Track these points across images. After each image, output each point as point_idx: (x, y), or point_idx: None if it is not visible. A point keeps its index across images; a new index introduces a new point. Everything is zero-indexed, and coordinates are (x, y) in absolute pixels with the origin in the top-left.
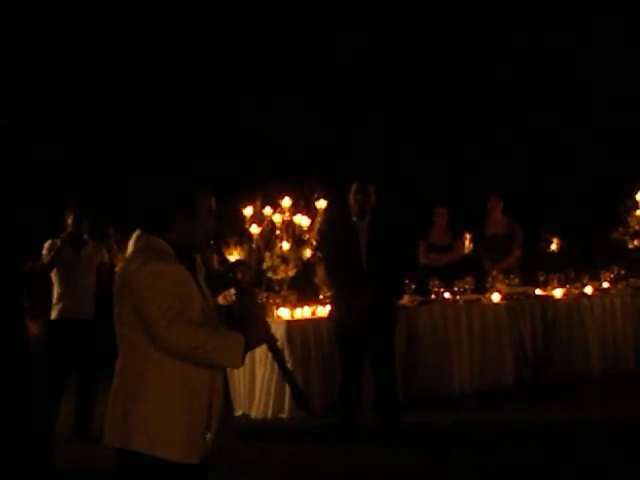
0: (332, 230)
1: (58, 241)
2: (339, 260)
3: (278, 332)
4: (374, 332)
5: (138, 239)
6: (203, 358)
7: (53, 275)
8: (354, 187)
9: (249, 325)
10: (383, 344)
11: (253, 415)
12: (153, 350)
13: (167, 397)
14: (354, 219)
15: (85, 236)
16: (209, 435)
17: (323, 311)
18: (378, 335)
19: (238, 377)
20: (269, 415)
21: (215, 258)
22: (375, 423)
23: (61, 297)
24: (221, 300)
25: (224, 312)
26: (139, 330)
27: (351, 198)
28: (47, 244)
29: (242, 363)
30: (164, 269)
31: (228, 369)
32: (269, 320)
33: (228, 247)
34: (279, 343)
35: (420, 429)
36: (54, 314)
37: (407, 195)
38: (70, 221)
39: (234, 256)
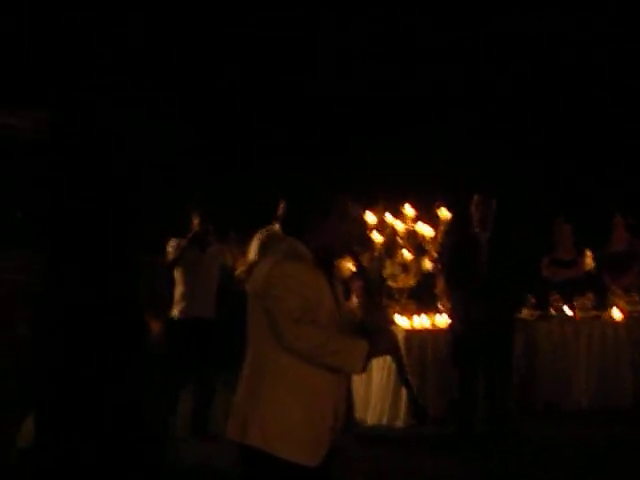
0: (453, 242)
1: (184, 240)
2: (459, 272)
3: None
4: (491, 345)
5: (275, 240)
6: (325, 360)
7: (176, 274)
8: (476, 199)
9: (376, 334)
10: (500, 357)
11: (369, 421)
12: (278, 349)
13: (287, 396)
14: (476, 231)
15: (210, 237)
16: (329, 439)
17: (442, 321)
18: (495, 348)
19: (355, 383)
20: (384, 422)
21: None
22: (490, 434)
23: (184, 296)
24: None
25: (356, 321)
26: (265, 327)
27: (473, 210)
28: (172, 242)
29: (364, 370)
30: (296, 269)
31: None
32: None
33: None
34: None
35: (534, 441)
36: (175, 312)
37: (530, 209)
38: (196, 221)
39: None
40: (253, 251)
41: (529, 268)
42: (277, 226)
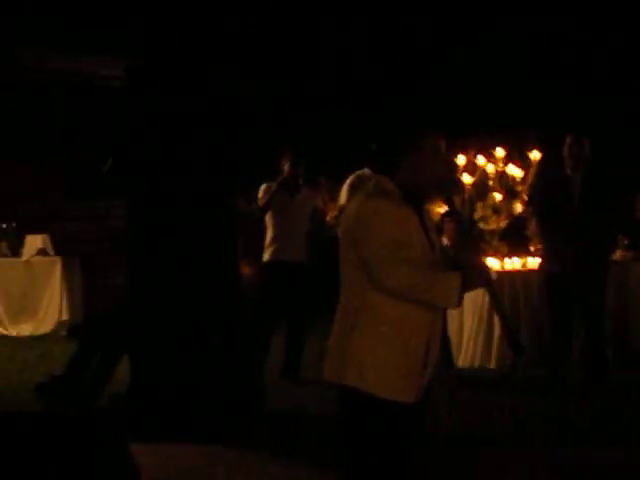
0: (545, 183)
1: (274, 184)
2: (551, 213)
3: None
4: (584, 286)
5: (364, 179)
6: (418, 296)
7: (267, 218)
8: (569, 140)
9: (469, 267)
10: (592, 298)
11: (460, 364)
12: (370, 288)
13: (381, 335)
14: (568, 172)
15: (300, 181)
16: (425, 377)
17: (533, 263)
18: (588, 289)
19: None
20: (476, 364)
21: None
22: (583, 378)
23: (274, 240)
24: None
25: (449, 258)
26: (357, 267)
27: (566, 151)
28: (263, 187)
29: (459, 304)
30: (385, 207)
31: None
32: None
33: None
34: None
35: (627, 386)
36: (266, 257)
37: (626, 148)
38: (286, 166)
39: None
40: (344, 195)
41: (623, 209)
42: (367, 169)
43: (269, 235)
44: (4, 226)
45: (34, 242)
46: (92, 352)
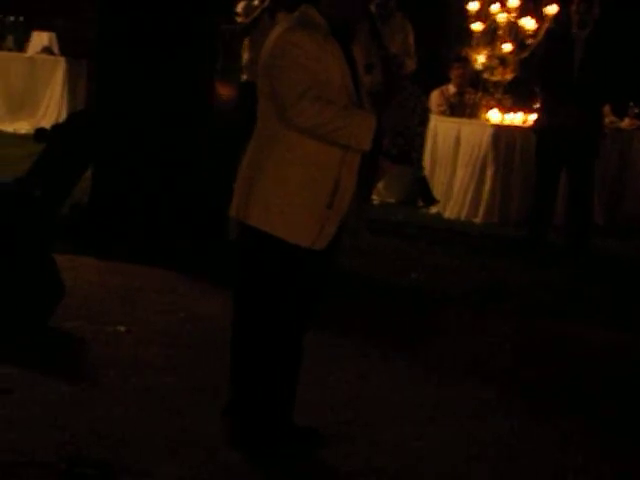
0: (549, 39)
1: (255, 3)
2: (550, 70)
3: (484, 135)
4: (575, 148)
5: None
6: (329, 135)
7: (246, 39)
8: None
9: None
10: (582, 162)
11: (447, 215)
12: (281, 123)
13: (288, 173)
14: (574, 30)
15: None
16: (332, 222)
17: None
18: (578, 152)
19: (437, 175)
20: (462, 217)
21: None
22: (564, 244)
23: (252, 62)
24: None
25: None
26: (270, 100)
27: (573, 7)
28: (241, 4)
29: (371, 145)
30: (305, 39)
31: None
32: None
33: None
34: (484, 146)
35: (610, 257)
36: (245, 77)
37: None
38: None
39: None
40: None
41: (630, 73)
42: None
43: (248, 55)
44: (12, 19)
45: (40, 39)
46: (53, 158)
